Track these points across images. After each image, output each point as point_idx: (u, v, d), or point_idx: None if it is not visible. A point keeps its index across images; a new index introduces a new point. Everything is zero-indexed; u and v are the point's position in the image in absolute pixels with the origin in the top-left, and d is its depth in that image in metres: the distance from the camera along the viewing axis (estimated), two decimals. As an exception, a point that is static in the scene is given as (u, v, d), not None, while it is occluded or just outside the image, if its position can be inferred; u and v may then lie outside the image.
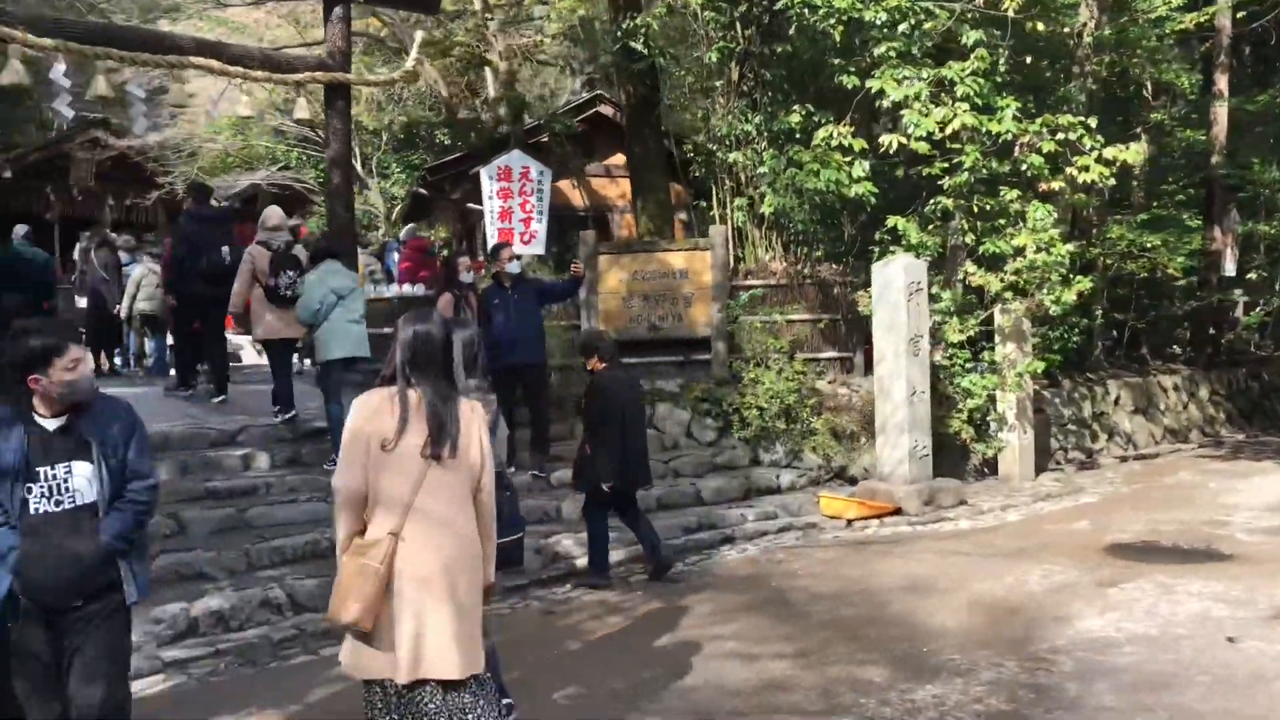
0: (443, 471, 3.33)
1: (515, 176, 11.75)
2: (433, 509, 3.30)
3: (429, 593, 3.27)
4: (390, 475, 3.28)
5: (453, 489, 3.36)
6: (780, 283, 11.35)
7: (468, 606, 3.34)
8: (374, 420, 3.33)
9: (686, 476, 9.78)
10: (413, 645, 3.23)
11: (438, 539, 3.30)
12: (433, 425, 3.33)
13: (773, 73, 11.00)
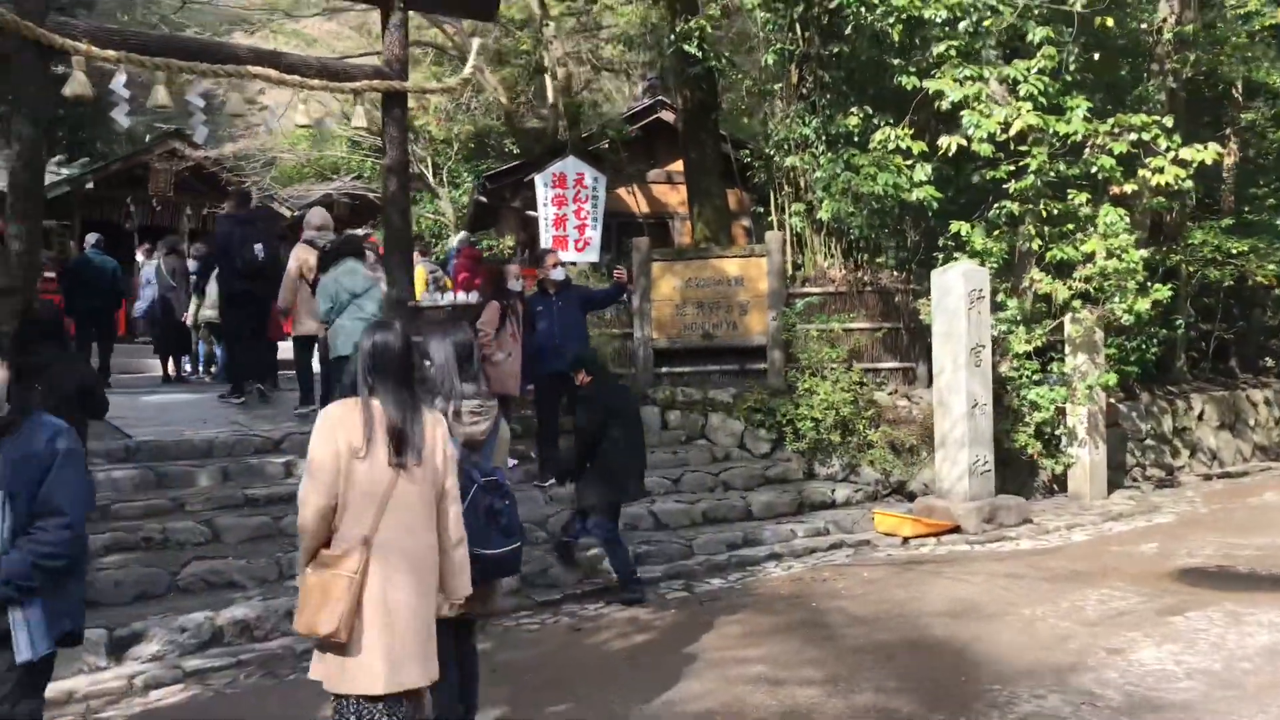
0: (409, 481, 3.36)
1: (570, 183, 11.64)
2: (401, 518, 3.34)
3: (400, 602, 3.31)
4: (358, 486, 3.31)
5: (418, 498, 3.39)
6: (839, 290, 11.02)
7: (428, 614, 3.40)
8: (340, 432, 3.34)
9: (736, 490, 9.51)
10: (389, 656, 3.25)
11: (406, 548, 3.34)
12: (395, 435, 3.35)
13: (831, 75, 10.68)
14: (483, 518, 4.00)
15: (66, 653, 5.43)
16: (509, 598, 6.93)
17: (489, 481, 4.10)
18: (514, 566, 4.35)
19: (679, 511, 8.72)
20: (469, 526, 3.73)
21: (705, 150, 12.21)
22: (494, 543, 4.03)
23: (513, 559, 4.22)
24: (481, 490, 4.04)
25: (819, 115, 10.61)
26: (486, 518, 4.03)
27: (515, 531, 4.20)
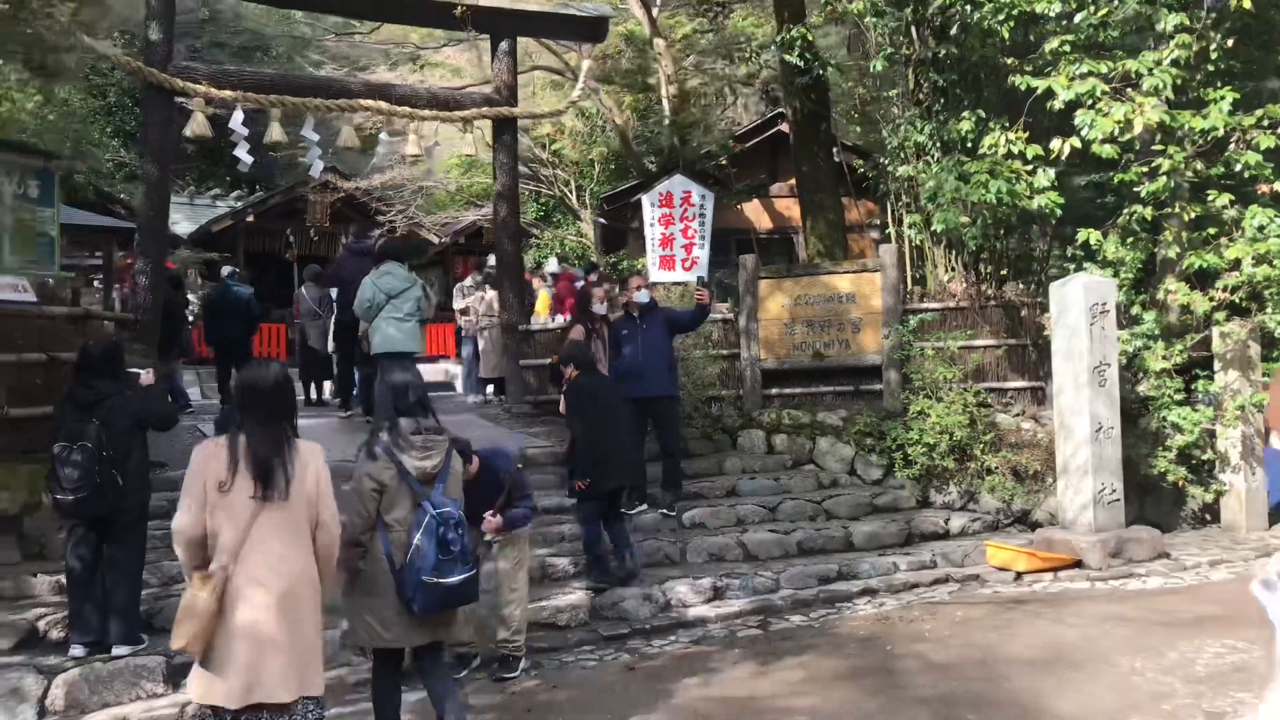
0: (275, 512, 3.62)
1: (677, 201, 11.42)
2: (266, 547, 3.60)
3: (262, 624, 3.55)
4: (222, 516, 3.59)
5: (287, 528, 3.65)
6: (960, 305, 10.35)
7: (304, 635, 3.64)
8: (209, 464, 3.63)
9: (839, 519, 9.03)
10: (245, 674, 3.52)
11: (270, 575, 3.59)
12: (260, 470, 3.60)
13: (945, 78, 10.07)
14: (436, 548, 4.23)
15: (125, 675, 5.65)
16: (578, 630, 6.76)
17: (442, 514, 4.30)
18: (470, 595, 4.49)
19: (771, 541, 8.32)
20: (424, 557, 4.21)
21: (817, 162, 11.76)
22: (449, 572, 4.24)
23: (467, 588, 4.39)
24: (435, 521, 4.27)
25: (933, 121, 10.01)
26: (440, 548, 4.23)
27: (470, 561, 4.40)
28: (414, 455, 4.34)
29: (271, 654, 3.54)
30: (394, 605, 4.28)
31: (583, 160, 19.35)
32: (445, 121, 11.46)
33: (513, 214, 11.79)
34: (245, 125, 10.76)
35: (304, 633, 3.64)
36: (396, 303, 8.78)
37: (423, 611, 4.27)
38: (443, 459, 4.42)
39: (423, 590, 4.22)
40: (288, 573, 3.61)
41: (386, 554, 4.28)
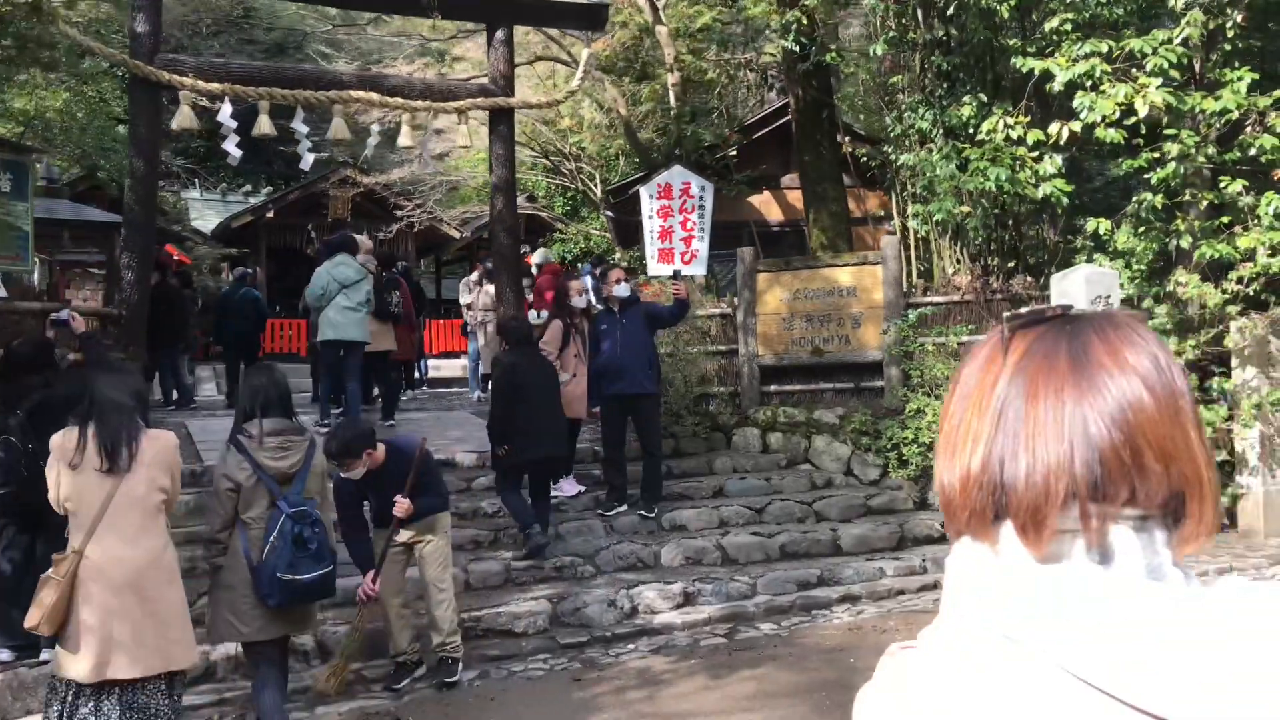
0: (128, 493, 3.84)
1: (676, 193, 11.09)
2: (119, 526, 3.81)
3: (115, 602, 3.74)
4: (77, 498, 3.82)
5: (139, 508, 3.87)
6: (965, 299, 9.92)
7: (160, 613, 3.82)
8: (63, 449, 3.87)
9: (830, 521, 8.68)
10: (98, 651, 3.68)
11: (124, 553, 3.80)
12: (106, 449, 3.83)
13: (948, 61, 9.65)
14: (291, 546, 4.31)
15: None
16: (535, 638, 6.50)
17: (297, 512, 4.37)
18: (326, 591, 4.61)
19: (753, 545, 8.00)
20: (279, 554, 4.30)
21: (820, 151, 11.36)
22: (303, 569, 4.34)
23: (322, 584, 4.48)
24: (289, 520, 4.34)
25: (935, 107, 9.60)
26: (295, 545, 4.31)
27: (326, 558, 4.46)
28: (270, 455, 4.41)
29: (124, 630, 3.72)
30: (250, 600, 4.36)
31: (603, 153, 19.09)
32: (440, 112, 11.21)
33: (509, 207, 11.52)
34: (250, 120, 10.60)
35: (156, 611, 3.82)
36: (349, 292, 9.10)
37: (278, 607, 4.37)
38: (301, 458, 4.48)
39: (278, 586, 4.31)
40: (140, 552, 3.83)
41: (245, 551, 4.35)
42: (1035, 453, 0.88)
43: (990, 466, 0.90)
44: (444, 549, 5.74)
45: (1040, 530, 0.87)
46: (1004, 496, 0.89)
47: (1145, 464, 0.85)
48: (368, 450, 5.26)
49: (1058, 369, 0.90)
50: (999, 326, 0.98)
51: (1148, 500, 0.86)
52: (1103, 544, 0.86)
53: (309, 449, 4.54)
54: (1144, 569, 0.85)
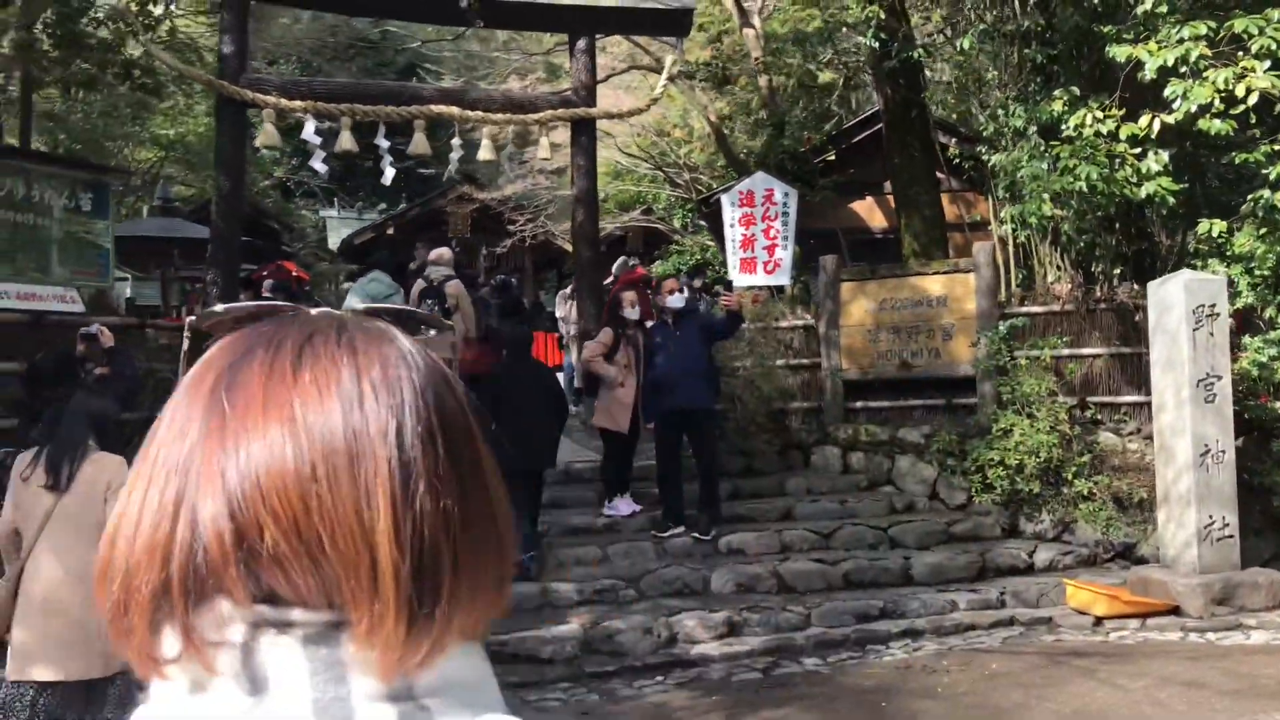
0: (66, 510, 4.01)
1: (758, 200, 10.65)
2: (57, 540, 4.00)
3: (44, 608, 3.91)
4: (22, 511, 4.06)
5: (76, 524, 3.99)
6: (1065, 309, 9.18)
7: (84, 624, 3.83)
8: (19, 464, 4.14)
9: (904, 548, 8.10)
10: (22, 651, 3.90)
11: (58, 564, 3.97)
12: (49, 466, 4.04)
13: (1042, 53, 8.94)
14: None
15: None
16: (561, 665, 6.23)
17: None
18: None
19: (813, 572, 7.52)
20: None
21: (911, 154, 10.73)
22: None
23: None
24: None
25: (1028, 102, 8.91)
26: None
27: None
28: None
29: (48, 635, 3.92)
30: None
31: (714, 162, 18.75)
32: (520, 125, 11.11)
33: (590, 219, 11.33)
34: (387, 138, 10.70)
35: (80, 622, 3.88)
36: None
37: None
38: None
39: None
40: (79, 563, 3.95)
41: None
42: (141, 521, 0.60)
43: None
44: None
45: (147, 634, 0.59)
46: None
47: (288, 540, 0.57)
48: None
49: (242, 391, 0.60)
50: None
51: (310, 596, 0.58)
52: (249, 663, 0.57)
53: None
54: (312, 703, 0.57)
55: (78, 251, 8.57)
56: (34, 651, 3.90)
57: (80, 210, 8.61)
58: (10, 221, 8.04)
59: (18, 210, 8.08)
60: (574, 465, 9.09)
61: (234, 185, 10.34)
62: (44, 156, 9.42)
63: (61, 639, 3.88)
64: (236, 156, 10.36)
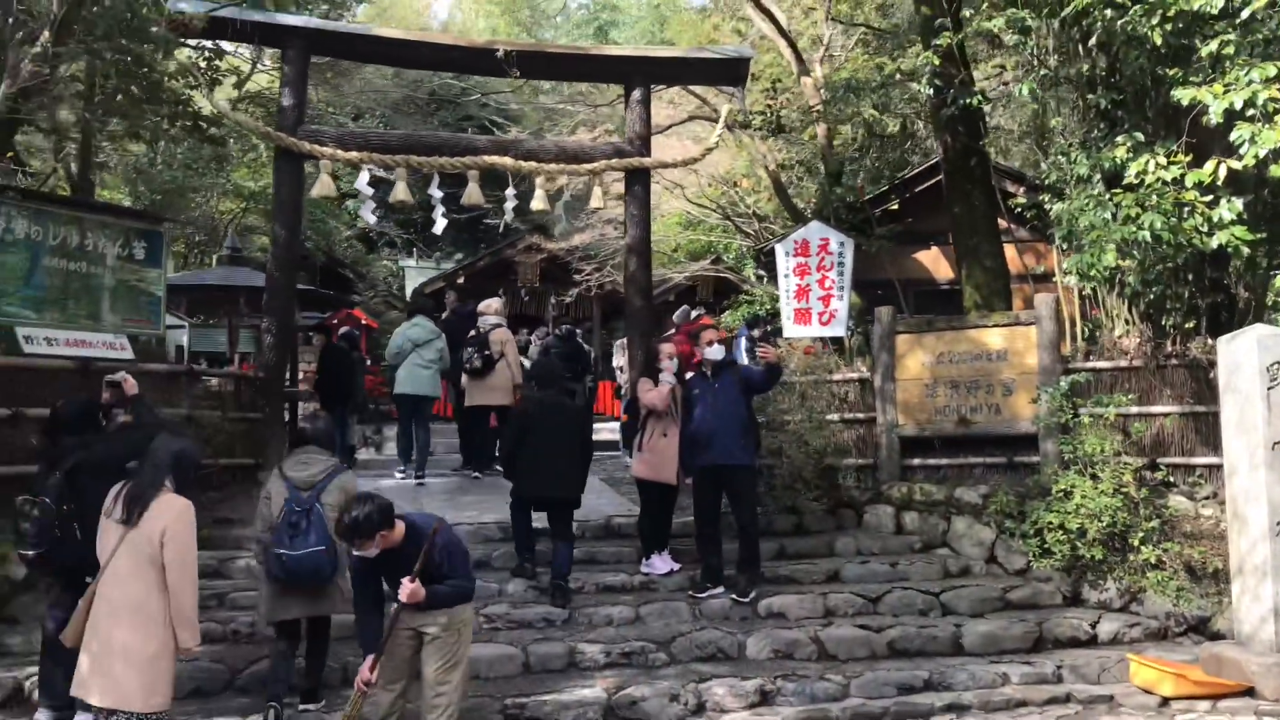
0: (131, 544, 4.40)
1: (813, 249, 10.40)
2: (117, 572, 4.41)
3: (95, 635, 4.36)
4: (100, 542, 4.55)
5: (135, 559, 4.39)
6: (1132, 364, 8.72)
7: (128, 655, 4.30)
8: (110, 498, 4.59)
9: (956, 615, 7.68)
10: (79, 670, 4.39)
11: (112, 594, 4.38)
12: (125, 503, 4.49)
13: (1106, 97, 8.58)
14: (287, 529, 5.55)
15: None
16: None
17: (299, 506, 5.62)
18: (312, 566, 5.55)
19: (856, 639, 7.14)
20: (278, 535, 5.58)
21: (971, 202, 10.38)
22: (294, 545, 5.50)
23: (310, 561, 5.53)
24: (289, 508, 5.62)
25: (1088, 149, 8.55)
26: (290, 528, 5.54)
27: (322, 541, 5.52)
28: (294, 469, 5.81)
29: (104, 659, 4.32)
30: (271, 587, 5.69)
31: (779, 212, 18.56)
32: (573, 174, 11.07)
33: (642, 269, 11.21)
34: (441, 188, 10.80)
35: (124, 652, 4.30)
36: (421, 351, 10.21)
37: (275, 579, 5.61)
38: (319, 471, 5.79)
39: (274, 561, 5.56)
40: (130, 595, 4.35)
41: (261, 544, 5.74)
42: None
43: None
44: (453, 646, 5.10)
45: None
46: None
47: None
48: (382, 530, 4.88)
49: None
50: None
51: None
52: None
53: (331, 470, 5.84)
54: None
55: (130, 299, 8.71)
56: (83, 674, 4.35)
57: (133, 258, 8.76)
58: (63, 270, 8.20)
59: (70, 258, 8.24)
60: (615, 520, 8.87)
61: (290, 235, 10.46)
62: (99, 206, 9.63)
63: (100, 666, 4.30)
64: (293, 207, 10.50)
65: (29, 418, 7.57)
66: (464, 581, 5.14)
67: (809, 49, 16.40)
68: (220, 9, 9.02)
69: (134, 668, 4.28)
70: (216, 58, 11.44)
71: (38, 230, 7.99)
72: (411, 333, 10.27)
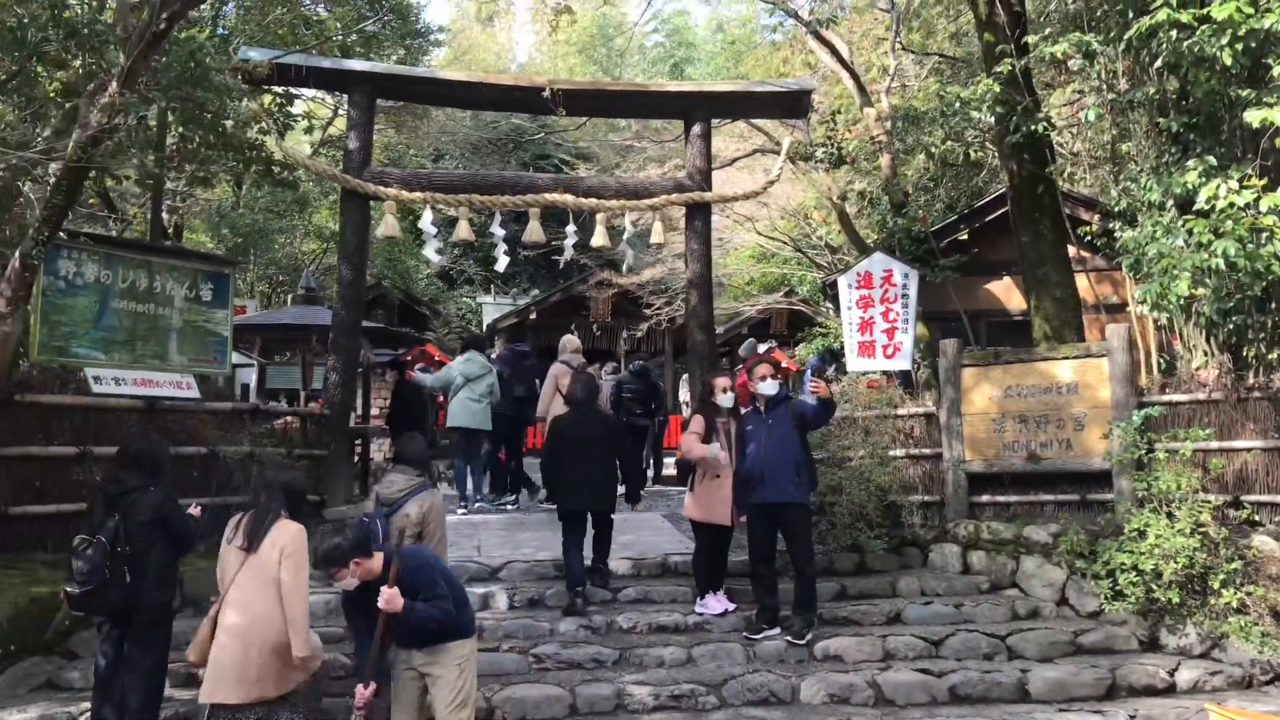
0: (251, 567, 5.12)
1: (877, 282, 10.21)
2: (242, 591, 5.11)
3: (227, 645, 5.04)
4: (222, 566, 5.31)
5: (258, 579, 5.10)
6: (1212, 397, 8.32)
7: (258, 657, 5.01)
8: (229, 527, 5.38)
9: (1023, 659, 7.37)
10: (212, 679, 5.04)
11: (239, 611, 5.07)
12: (246, 532, 5.22)
13: (1177, 121, 8.27)
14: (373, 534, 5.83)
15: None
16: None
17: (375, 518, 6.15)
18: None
19: (915, 684, 6.88)
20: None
21: (1039, 230, 10.07)
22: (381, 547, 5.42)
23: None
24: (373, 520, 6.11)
25: (1160, 174, 8.24)
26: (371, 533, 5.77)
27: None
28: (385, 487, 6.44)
29: (230, 667, 5.00)
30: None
31: (850, 244, 18.35)
32: (634, 210, 11.09)
33: (704, 303, 11.16)
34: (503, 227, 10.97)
35: (254, 656, 5.01)
36: (473, 385, 10.46)
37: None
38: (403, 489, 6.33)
39: None
40: (249, 608, 5.04)
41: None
42: None
43: None
44: (456, 684, 5.03)
45: None
46: None
47: None
48: (355, 559, 4.92)
49: None
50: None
51: None
52: None
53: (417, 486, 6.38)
54: None
55: (197, 339, 8.93)
56: (215, 678, 4.99)
57: (200, 300, 9.00)
58: (132, 311, 8.45)
59: (139, 300, 8.49)
60: (671, 558, 8.75)
61: (356, 275, 10.67)
62: (167, 250, 9.91)
63: (235, 670, 4.96)
64: (359, 247, 10.71)
65: (96, 456, 7.79)
66: (445, 603, 4.99)
67: (878, 79, 16.25)
68: (285, 56, 9.25)
69: (268, 665, 5.02)
70: (287, 103, 11.75)
71: (107, 274, 8.27)
72: (464, 367, 10.55)
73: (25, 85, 8.87)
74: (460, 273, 30.74)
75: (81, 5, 8.94)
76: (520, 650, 7.10)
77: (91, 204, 13.82)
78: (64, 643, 6.94)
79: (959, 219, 13.02)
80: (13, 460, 7.52)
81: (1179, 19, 7.10)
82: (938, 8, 17.43)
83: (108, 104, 7.27)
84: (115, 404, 8.10)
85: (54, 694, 6.53)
